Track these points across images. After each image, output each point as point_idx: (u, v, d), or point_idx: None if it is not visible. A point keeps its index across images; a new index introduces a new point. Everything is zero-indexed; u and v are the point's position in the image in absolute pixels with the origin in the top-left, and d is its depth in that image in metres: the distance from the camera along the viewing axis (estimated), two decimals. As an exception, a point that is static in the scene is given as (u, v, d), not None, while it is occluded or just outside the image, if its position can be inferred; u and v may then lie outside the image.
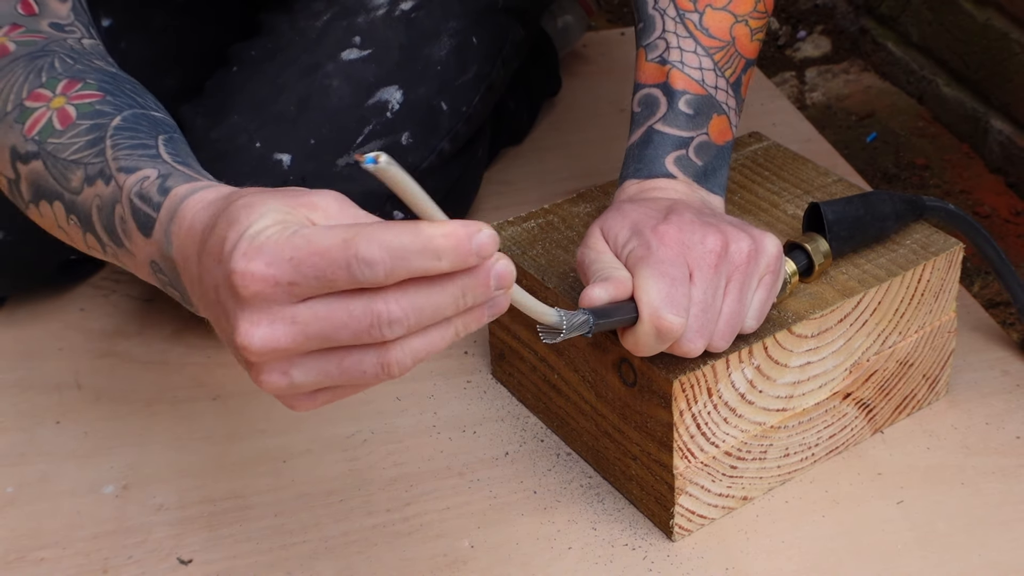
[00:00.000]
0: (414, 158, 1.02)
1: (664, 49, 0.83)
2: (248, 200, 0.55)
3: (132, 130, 0.70)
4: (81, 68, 0.75)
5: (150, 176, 0.65)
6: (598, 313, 0.70)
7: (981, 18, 1.35)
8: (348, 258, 0.50)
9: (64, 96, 0.72)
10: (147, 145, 0.68)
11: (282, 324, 0.52)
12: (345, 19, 1.03)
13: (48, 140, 0.72)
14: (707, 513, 0.83)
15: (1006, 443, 0.89)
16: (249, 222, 0.53)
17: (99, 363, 1.03)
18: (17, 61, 0.75)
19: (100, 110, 0.71)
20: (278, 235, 0.52)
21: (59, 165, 0.71)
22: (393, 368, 0.53)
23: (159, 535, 0.86)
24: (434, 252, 0.51)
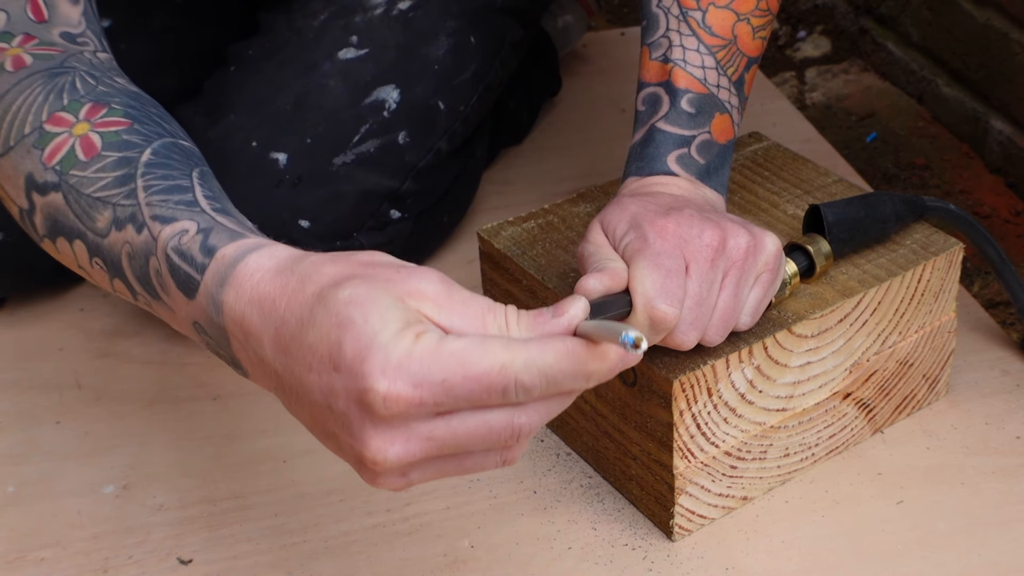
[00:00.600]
0: (411, 157, 1.02)
1: (667, 47, 0.83)
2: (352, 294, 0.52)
3: (164, 166, 0.66)
4: (104, 90, 0.70)
5: (189, 230, 0.61)
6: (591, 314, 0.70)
7: (981, 18, 1.35)
8: (506, 384, 0.51)
9: (88, 122, 0.68)
10: (182, 187, 0.64)
11: (418, 440, 0.52)
12: (343, 18, 1.03)
13: (71, 172, 0.66)
14: (707, 513, 0.83)
15: (1006, 443, 0.89)
16: (372, 328, 0.51)
17: (99, 363, 1.03)
18: (35, 76, 0.70)
19: (127, 140, 0.67)
20: (420, 351, 0.51)
21: (83, 202, 0.66)
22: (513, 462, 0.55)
23: (159, 535, 0.86)
24: (587, 376, 0.52)
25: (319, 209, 0.99)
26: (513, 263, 0.88)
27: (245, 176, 0.98)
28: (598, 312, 0.71)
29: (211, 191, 0.65)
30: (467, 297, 0.54)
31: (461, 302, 0.54)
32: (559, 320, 0.53)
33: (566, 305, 0.54)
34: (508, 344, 0.51)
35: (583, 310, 0.54)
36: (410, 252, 1.08)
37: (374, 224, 1.02)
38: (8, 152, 0.69)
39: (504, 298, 0.91)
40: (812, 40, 1.67)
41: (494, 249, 0.90)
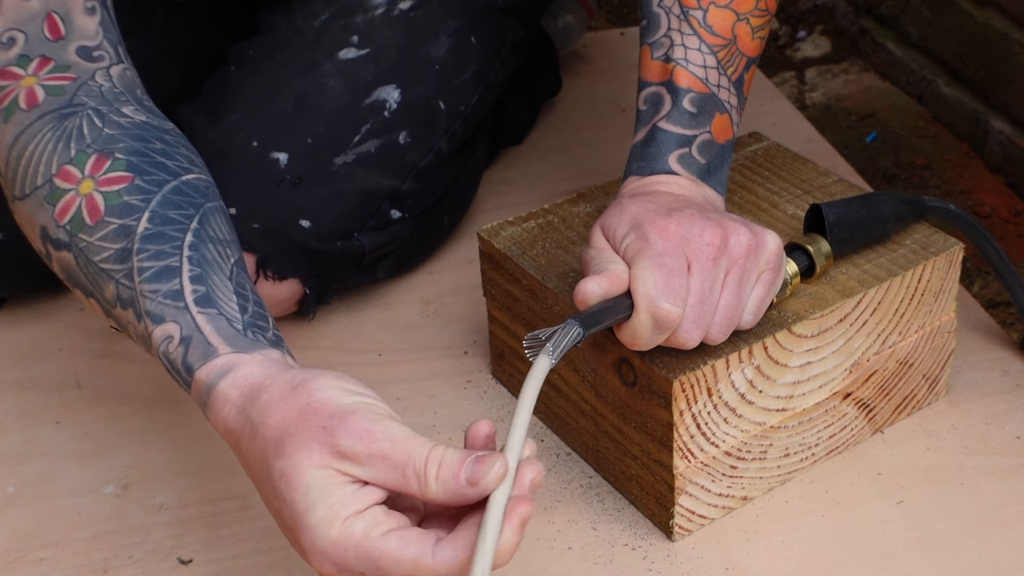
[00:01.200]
0: (412, 157, 1.02)
1: (668, 47, 0.83)
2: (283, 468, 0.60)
3: (158, 239, 0.70)
4: (110, 133, 0.74)
5: (174, 337, 0.68)
6: (587, 321, 0.70)
7: (981, 18, 1.35)
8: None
9: (92, 179, 0.72)
10: (171, 270, 0.69)
11: None
12: (343, 18, 1.03)
13: (79, 235, 0.72)
14: (707, 513, 0.83)
15: (1006, 443, 0.89)
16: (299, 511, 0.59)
17: (99, 363, 1.03)
18: (45, 119, 0.74)
19: (127, 203, 0.71)
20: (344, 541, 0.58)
21: (91, 269, 0.72)
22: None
23: (159, 535, 0.86)
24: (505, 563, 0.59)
25: (320, 209, 0.99)
26: (513, 263, 0.88)
27: (246, 176, 0.98)
28: (600, 317, 0.72)
29: (199, 263, 0.70)
30: (388, 450, 0.59)
31: (382, 458, 0.58)
32: (473, 490, 0.58)
33: (484, 467, 0.58)
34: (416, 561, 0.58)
35: (498, 477, 0.58)
36: (410, 252, 1.08)
37: (375, 224, 1.02)
38: (25, 199, 0.75)
39: (504, 298, 0.91)
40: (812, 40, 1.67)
41: (494, 249, 0.90)
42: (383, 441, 0.59)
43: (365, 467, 0.59)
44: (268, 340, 0.69)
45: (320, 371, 0.64)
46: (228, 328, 0.68)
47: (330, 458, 0.59)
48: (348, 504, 0.58)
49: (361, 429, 0.59)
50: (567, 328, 0.69)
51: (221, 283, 0.70)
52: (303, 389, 0.62)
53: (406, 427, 0.60)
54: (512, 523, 0.58)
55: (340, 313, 1.07)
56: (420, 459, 0.58)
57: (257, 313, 0.71)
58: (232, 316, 0.69)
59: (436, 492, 0.58)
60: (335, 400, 0.61)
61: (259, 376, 0.65)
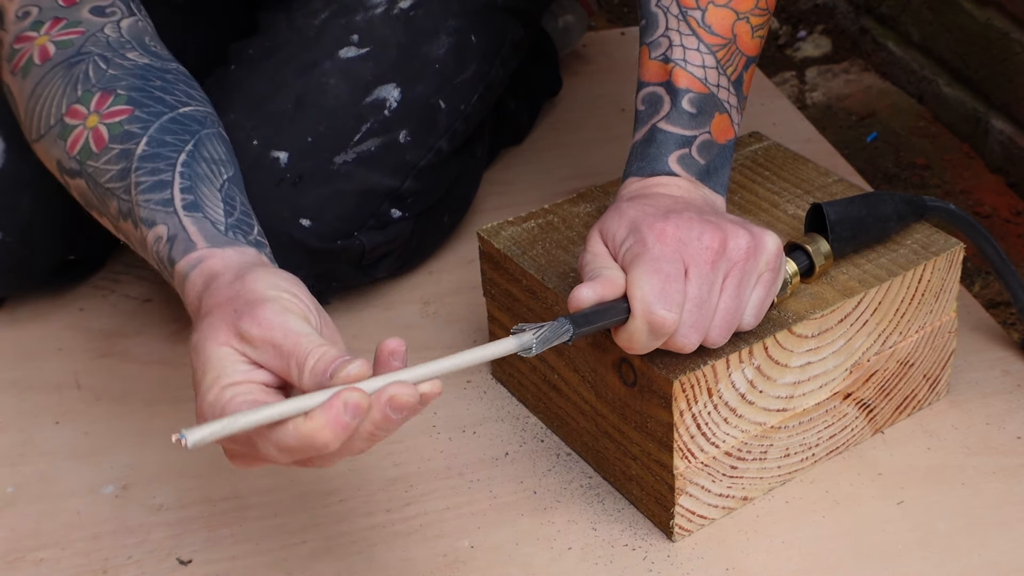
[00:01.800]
0: (412, 156, 1.02)
1: (667, 47, 0.83)
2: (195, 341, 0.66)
3: (154, 157, 0.77)
4: (113, 73, 0.81)
5: (162, 237, 0.75)
6: (579, 321, 0.70)
7: (981, 18, 1.35)
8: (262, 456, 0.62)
9: (97, 114, 0.80)
10: (164, 183, 0.76)
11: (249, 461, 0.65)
12: (343, 17, 1.03)
13: (88, 162, 0.80)
14: (707, 513, 0.83)
15: (1006, 443, 0.89)
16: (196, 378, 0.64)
17: (99, 363, 1.03)
18: (55, 69, 0.82)
19: (128, 131, 0.78)
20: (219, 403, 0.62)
21: (99, 190, 0.80)
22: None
23: (159, 535, 0.86)
24: (318, 444, 0.59)
25: (320, 208, 0.98)
26: (513, 263, 0.88)
27: (246, 175, 0.97)
28: (593, 319, 0.72)
29: (190, 177, 0.76)
30: (280, 339, 0.63)
31: (273, 345, 0.63)
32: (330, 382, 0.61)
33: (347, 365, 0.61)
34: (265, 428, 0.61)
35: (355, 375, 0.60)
36: (410, 251, 1.08)
37: (375, 223, 1.02)
38: (40, 139, 0.83)
39: (504, 298, 0.91)
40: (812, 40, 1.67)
41: (494, 249, 0.90)
42: (278, 331, 0.63)
43: (258, 350, 0.63)
44: (248, 241, 0.75)
45: (268, 267, 0.70)
46: (211, 228, 0.74)
47: (232, 338, 0.64)
48: (232, 376, 0.63)
49: (264, 318, 0.64)
50: (557, 325, 0.69)
51: (210, 193, 0.76)
52: (241, 279, 0.68)
53: (308, 326, 0.64)
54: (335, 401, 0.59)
55: (340, 313, 1.07)
56: (303, 352, 0.62)
57: (242, 220, 0.76)
58: (216, 219, 0.75)
59: (308, 382, 0.62)
60: (258, 290, 0.66)
61: (220, 267, 0.71)
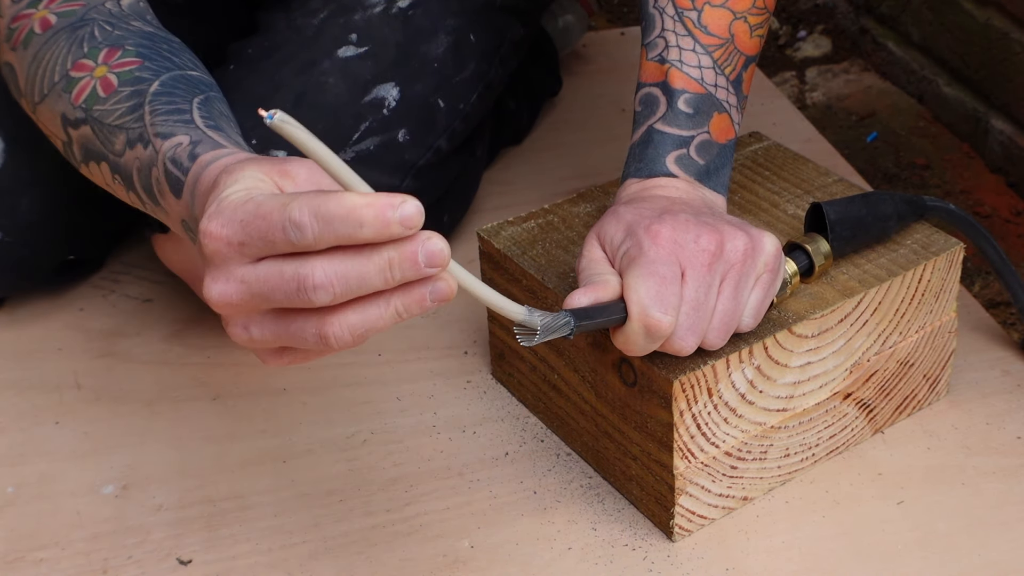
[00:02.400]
0: (411, 155, 1.02)
1: (663, 48, 0.83)
2: (230, 167, 0.61)
3: (168, 94, 0.75)
4: (119, 34, 0.80)
5: (183, 142, 0.71)
6: (580, 315, 0.70)
7: (981, 18, 1.35)
8: (283, 221, 0.54)
9: (106, 65, 0.78)
10: (182, 110, 0.74)
11: (233, 282, 0.57)
12: (342, 16, 1.03)
13: (94, 107, 0.78)
14: (707, 513, 0.83)
15: (1007, 443, 0.89)
16: (223, 187, 0.59)
17: (98, 363, 1.03)
18: (59, 33, 0.81)
19: (139, 76, 0.77)
20: (236, 199, 0.57)
21: (104, 130, 0.77)
22: (330, 339, 0.56)
23: (159, 535, 0.86)
24: (357, 220, 0.53)
25: (319, 208, 0.98)
26: (513, 263, 0.88)
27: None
28: (593, 314, 0.72)
29: (208, 113, 0.74)
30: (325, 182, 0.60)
31: (315, 184, 0.60)
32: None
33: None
34: (297, 192, 0.56)
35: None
36: (410, 251, 1.08)
37: (374, 223, 1.02)
38: (44, 99, 0.81)
39: (504, 298, 0.91)
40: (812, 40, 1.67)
41: (494, 249, 0.90)
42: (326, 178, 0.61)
43: (299, 188, 0.60)
44: None
45: None
46: (243, 143, 0.72)
47: (275, 174, 0.60)
48: (263, 190, 0.59)
49: (312, 167, 0.61)
50: (559, 316, 0.69)
51: (229, 128, 0.74)
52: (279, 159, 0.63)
53: None
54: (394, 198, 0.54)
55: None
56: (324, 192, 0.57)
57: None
58: (240, 143, 0.72)
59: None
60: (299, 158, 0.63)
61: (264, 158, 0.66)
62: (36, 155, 1.02)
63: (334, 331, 0.56)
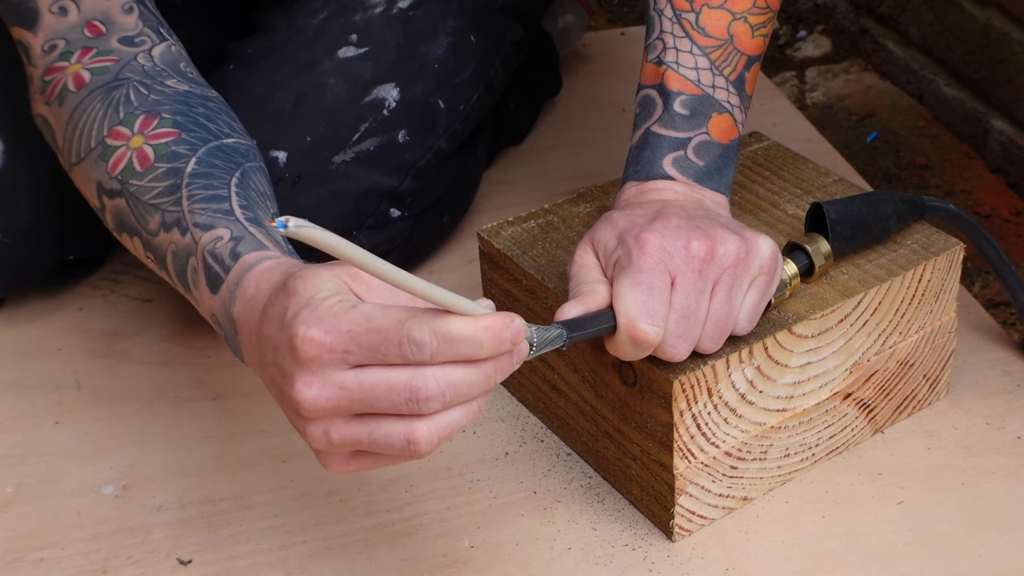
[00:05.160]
0: (411, 156, 1.02)
1: (661, 50, 0.83)
2: (303, 274, 0.62)
3: (206, 175, 0.75)
4: (155, 99, 0.80)
5: (223, 237, 0.72)
6: (572, 326, 0.70)
7: (981, 18, 1.35)
8: (401, 338, 0.57)
9: (142, 135, 0.78)
10: (220, 197, 0.74)
11: (331, 387, 0.59)
12: (342, 17, 1.03)
13: (130, 181, 0.78)
14: (707, 513, 0.83)
15: (1007, 443, 0.89)
16: (308, 293, 0.60)
17: (98, 363, 1.03)
18: (94, 93, 0.81)
19: (175, 151, 0.77)
20: (337, 307, 0.59)
21: (140, 207, 0.77)
22: (420, 444, 0.59)
23: (159, 535, 0.86)
24: (478, 343, 0.57)
25: (319, 207, 0.99)
26: (513, 263, 0.88)
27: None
28: (587, 325, 0.72)
29: (246, 199, 0.75)
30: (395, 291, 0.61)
31: (390, 291, 0.61)
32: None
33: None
34: (409, 308, 0.58)
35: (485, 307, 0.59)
36: (410, 251, 1.08)
37: (374, 223, 1.02)
38: (80, 163, 0.81)
39: (504, 298, 0.91)
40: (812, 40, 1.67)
41: (494, 249, 0.90)
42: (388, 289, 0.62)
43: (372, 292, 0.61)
44: None
45: None
46: (282, 244, 0.73)
47: (345, 275, 0.61)
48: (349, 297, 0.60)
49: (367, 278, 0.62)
50: (551, 330, 0.69)
51: (266, 212, 0.75)
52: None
53: None
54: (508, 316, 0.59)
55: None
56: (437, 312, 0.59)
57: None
58: (279, 241, 0.73)
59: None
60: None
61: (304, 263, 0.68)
62: (35, 156, 1.02)
63: (424, 435, 0.59)
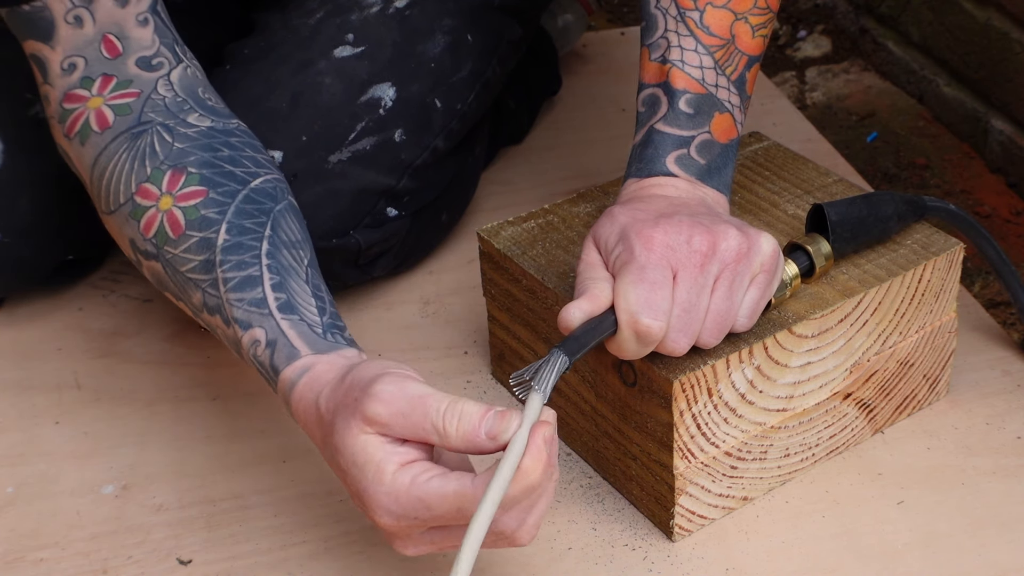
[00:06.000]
0: (408, 155, 1.02)
1: (665, 48, 0.83)
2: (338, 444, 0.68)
3: (237, 249, 0.77)
4: (180, 148, 0.80)
5: (260, 342, 0.75)
6: (572, 348, 0.71)
7: (981, 18, 1.35)
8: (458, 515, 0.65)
9: (171, 195, 0.79)
10: (253, 280, 0.76)
11: (424, 545, 0.69)
12: (338, 16, 1.03)
13: (165, 248, 0.79)
14: (707, 513, 0.83)
15: (1006, 443, 0.89)
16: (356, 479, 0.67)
17: (98, 363, 1.03)
18: (119, 140, 0.81)
19: (205, 217, 0.78)
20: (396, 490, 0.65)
21: (179, 278, 0.80)
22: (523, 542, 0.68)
23: (159, 535, 0.86)
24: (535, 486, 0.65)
25: (315, 206, 0.98)
26: (513, 263, 0.88)
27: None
28: (585, 340, 0.72)
29: (278, 272, 0.77)
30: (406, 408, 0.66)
31: (402, 415, 0.65)
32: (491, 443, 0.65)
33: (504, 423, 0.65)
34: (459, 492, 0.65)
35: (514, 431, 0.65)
36: (408, 250, 1.08)
37: (371, 222, 1.02)
38: (111, 214, 0.82)
39: (504, 298, 0.91)
40: (812, 40, 1.67)
41: (494, 249, 0.90)
42: (401, 400, 0.65)
43: (392, 427, 0.66)
44: (346, 340, 0.76)
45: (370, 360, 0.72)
46: (310, 333, 0.75)
47: (364, 424, 0.66)
48: (391, 460, 0.66)
49: (383, 393, 0.66)
50: (552, 359, 0.69)
51: (299, 288, 0.77)
52: (351, 373, 0.69)
53: (427, 387, 0.67)
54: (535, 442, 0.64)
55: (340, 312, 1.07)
56: (436, 414, 0.65)
57: (334, 314, 0.78)
58: (312, 321, 0.76)
59: (458, 444, 0.65)
60: (368, 375, 0.68)
61: (328, 373, 0.72)
62: (35, 156, 1.02)
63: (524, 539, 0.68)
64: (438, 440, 0.65)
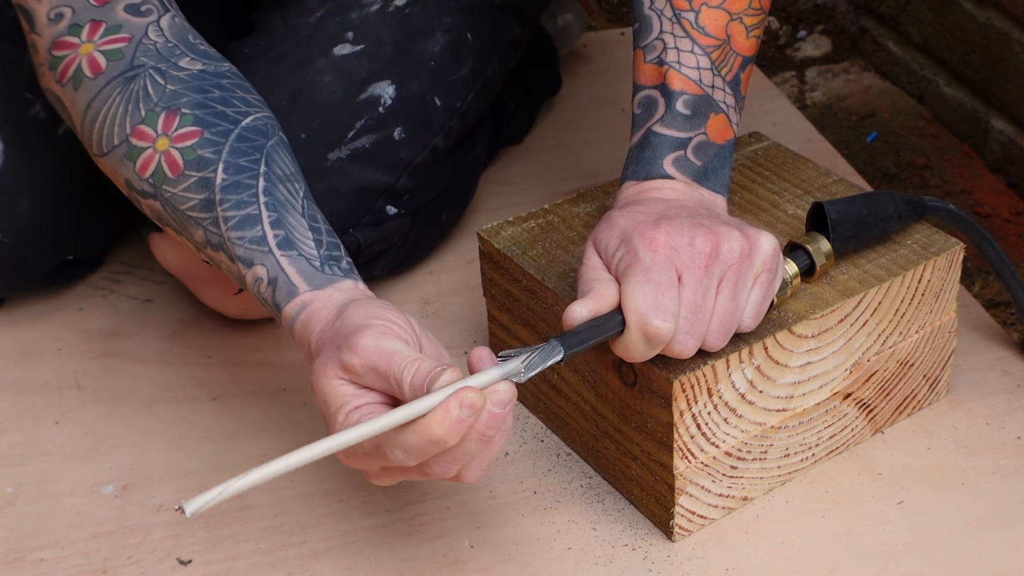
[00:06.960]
0: (407, 153, 1.02)
1: (661, 50, 0.83)
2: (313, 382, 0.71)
3: (236, 188, 0.79)
4: (172, 90, 0.81)
5: (263, 279, 0.77)
6: (570, 342, 0.71)
7: (981, 18, 1.35)
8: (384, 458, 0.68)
9: (167, 137, 0.81)
10: (252, 218, 0.78)
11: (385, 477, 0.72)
12: (338, 15, 1.03)
13: (163, 187, 0.81)
14: (707, 513, 0.83)
15: (1006, 443, 0.89)
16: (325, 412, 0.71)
17: (98, 363, 1.03)
18: (112, 84, 0.82)
19: (202, 156, 0.80)
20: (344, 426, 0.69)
21: (179, 216, 0.81)
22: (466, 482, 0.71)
23: (159, 535, 0.86)
24: (442, 440, 0.65)
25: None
26: (513, 263, 0.88)
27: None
28: (586, 336, 0.72)
29: (275, 208, 0.79)
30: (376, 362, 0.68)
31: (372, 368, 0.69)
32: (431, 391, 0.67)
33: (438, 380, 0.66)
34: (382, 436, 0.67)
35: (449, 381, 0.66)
36: (408, 250, 1.08)
37: (370, 220, 1.02)
38: (104, 156, 0.83)
39: (504, 298, 0.91)
40: (812, 40, 1.67)
41: (494, 249, 0.90)
42: (374, 355, 0.68)
43: (362, 376, 0.69)
44: (342, 270, 0.78)
45: (363, 300, 0.74)
46: (308, 267, 0.77)
47: (340, 371, 0.70)
48: (351, 403, 0.69)
49: (360, 346, 0.69)
50: (548, 347, 0.69)
51: (296, 223, 0.79)
52: (340, 317, 0.72)
53: (402, 344, 0.69)
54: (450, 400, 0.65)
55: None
56: (398, 368, 0.67)
57: (331, 244, 0.79)
58: (310, 255, 0.78)
59: (409, 396, 0.67)
60: (353, 323, 0.71)
61: (323, 310, 0.75)
62: (35, 156, 1.02)
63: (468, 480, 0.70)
64: (398, 392, 0.68)
